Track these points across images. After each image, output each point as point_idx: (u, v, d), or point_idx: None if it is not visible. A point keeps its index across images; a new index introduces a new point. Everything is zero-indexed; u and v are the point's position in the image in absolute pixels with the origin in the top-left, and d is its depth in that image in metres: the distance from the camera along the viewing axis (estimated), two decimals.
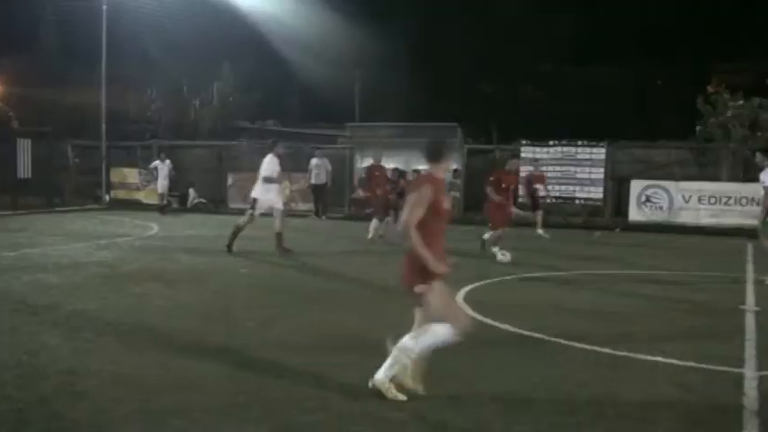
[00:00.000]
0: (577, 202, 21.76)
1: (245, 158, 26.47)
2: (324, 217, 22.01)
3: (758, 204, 19.32)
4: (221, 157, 26.52)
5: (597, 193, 21.48)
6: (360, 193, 24.30)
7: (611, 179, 21.84)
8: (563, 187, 21.53)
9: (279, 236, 13.04)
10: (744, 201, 19.62)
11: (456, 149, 23.88)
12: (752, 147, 22.71)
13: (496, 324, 7.60)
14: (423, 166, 24.61)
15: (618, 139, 22.56)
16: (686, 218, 20.20)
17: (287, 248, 13.00)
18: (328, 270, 11.55)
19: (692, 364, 6.15)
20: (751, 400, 5.22)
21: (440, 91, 37.73)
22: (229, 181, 25.22)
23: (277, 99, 38.54)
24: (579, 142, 21.93)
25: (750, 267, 12.56)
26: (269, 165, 13.09)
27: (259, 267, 11.74)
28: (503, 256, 12.72)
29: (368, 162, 24.66)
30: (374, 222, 15.70)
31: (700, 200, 20.11)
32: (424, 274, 4.97)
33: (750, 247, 15.41)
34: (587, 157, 21.71)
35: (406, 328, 4.91)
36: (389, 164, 19.87)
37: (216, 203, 25.23)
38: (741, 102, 24.74)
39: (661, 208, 20.51)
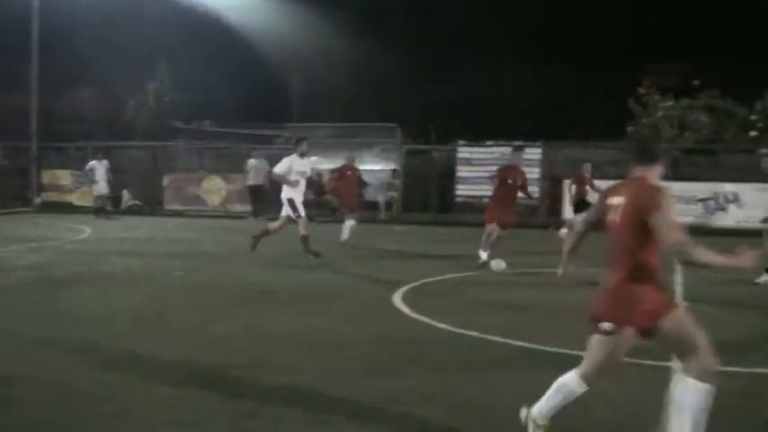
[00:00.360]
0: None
1: (181, 159, 26.16)
2: (261, 218, 21.80)
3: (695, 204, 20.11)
4: (156, 157, 26.10)
5: (533, 192, 21.77)
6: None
7: (546, 179, 22.23)
8: None
9: (258, 237, 12.86)
10: (673, 199, 20.15)
11: (396, 150, 24.04)
12: (680, 146, 23.49)
13: (433, 323, 7.67)
14: (366, 166, 24.25)
15: (552, 140, 22.99)
16: None
17: (256, 247, 12.78)
18: (266, 271, 11.47)
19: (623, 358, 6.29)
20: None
21: (379, 91, 37.83)
22: (165, 182, 24.85)
23: (213, 99, 38.11)
24: (515, 143, 22.24)
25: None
26: (282, 164, 12.71)
27: (195, 269, 11.59)
28: (496, 265, 11.84)
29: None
30: (348, 223, 15.20)
31: None
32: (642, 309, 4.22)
33: None
34: (523, 156, 22.00)
35: (351, 328, 4.89)
36: (329, 165, 19.88)
37: (151, 205, 24.82)
38: (671, 103, 25.58)
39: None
